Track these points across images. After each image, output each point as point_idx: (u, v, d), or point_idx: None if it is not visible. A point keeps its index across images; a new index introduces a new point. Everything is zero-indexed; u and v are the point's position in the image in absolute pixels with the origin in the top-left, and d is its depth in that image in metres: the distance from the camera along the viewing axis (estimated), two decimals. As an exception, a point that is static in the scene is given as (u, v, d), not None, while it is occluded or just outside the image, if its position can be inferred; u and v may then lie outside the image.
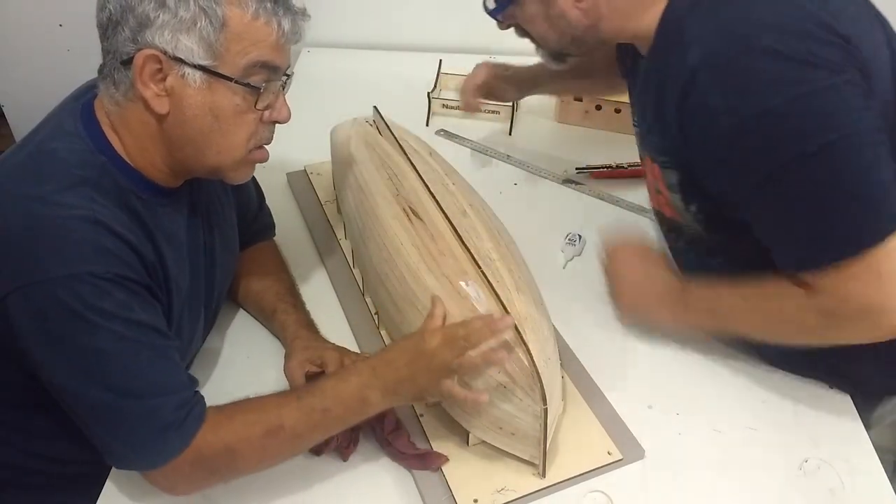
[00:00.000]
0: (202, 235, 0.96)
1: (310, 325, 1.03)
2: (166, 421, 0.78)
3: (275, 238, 1.18)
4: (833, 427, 0.95)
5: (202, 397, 0.82)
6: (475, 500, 0.86)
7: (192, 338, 0.96)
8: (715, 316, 0.96)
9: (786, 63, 0.77)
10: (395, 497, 0.88)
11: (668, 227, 1.04)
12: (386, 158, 1.12)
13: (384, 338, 1.05)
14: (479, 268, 0.91)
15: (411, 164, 1.10)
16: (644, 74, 0.93)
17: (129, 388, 0.77)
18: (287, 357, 0.97)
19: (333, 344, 0.99)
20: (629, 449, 0.92)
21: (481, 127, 1.53)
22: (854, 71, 0.79)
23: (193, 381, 0.84)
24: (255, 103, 0.82)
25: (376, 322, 1.07)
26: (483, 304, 0.88)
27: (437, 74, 1.61)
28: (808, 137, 0.77)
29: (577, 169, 1.41)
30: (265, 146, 0.88)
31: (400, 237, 0.98)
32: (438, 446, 0.91)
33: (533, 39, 1.00)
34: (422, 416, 0.94)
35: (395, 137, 1.15)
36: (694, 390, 1.00)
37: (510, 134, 1.53)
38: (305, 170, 1.39)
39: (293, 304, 1.06)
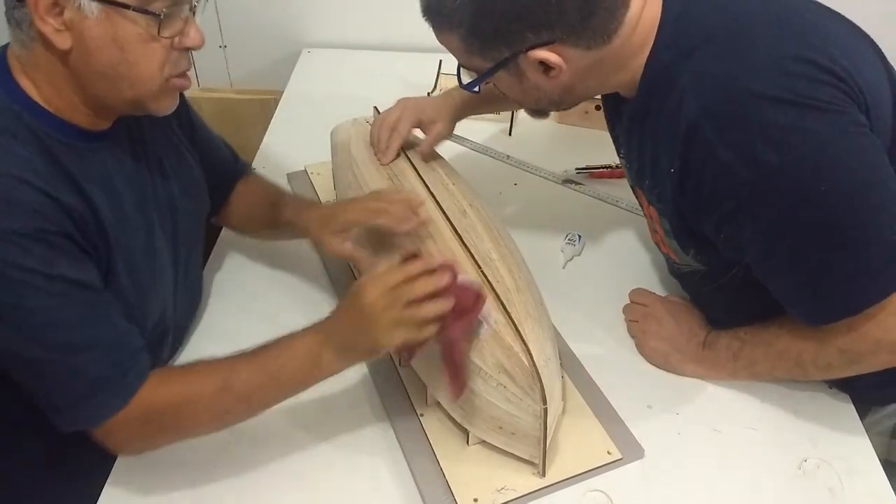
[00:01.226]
0: (152, 185, 0.93)
1: (312, 204, 1.05)
2: (101, 375, 0.77)
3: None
4: (833, 427, 0.95)
5: (147, 358, 0.82)
6: (475, 500, 0.86)
7: (159, 294, 0.93)
8: (741, 363, 0.97)
9: (791, 109, 0.74)
10: (395, 496, 0.88)
11: (669, 260, 1.04)
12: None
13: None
14: (479, 268, 0.91)
15: (411, 163, 1.10)
16: (631, 116, 0.90)
17: (57, 342, 0.76)
18: (317, 242, 0.99)
19: (338, 202, 1.01)
20: (629, 449, 0.92)
21: (481, 127, 1.53)
22: (855, 108, 0.77)
23: (134, 338, 0.82)
24: (158, 30, 0.78)
25: (376, 322, 1.07)
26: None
27: (437, 74, 1.61)
28: (825, 185, 0.75)
29: (577, 169, 1.41)
30: (186, 73, 0.85)
31: (400, 237, 0.98)
32: (438, 446, 0.91)
33: (512, 99, 0.94)
34: (422, 415, 0.95)
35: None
36: (694, 390, 1.00)
37: (510, 134, 1.53)
38: (305, 170, 1.39)
39: (290, 198, 1.09)
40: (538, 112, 0.98)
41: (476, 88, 0.89)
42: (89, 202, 0.80)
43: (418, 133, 1.17)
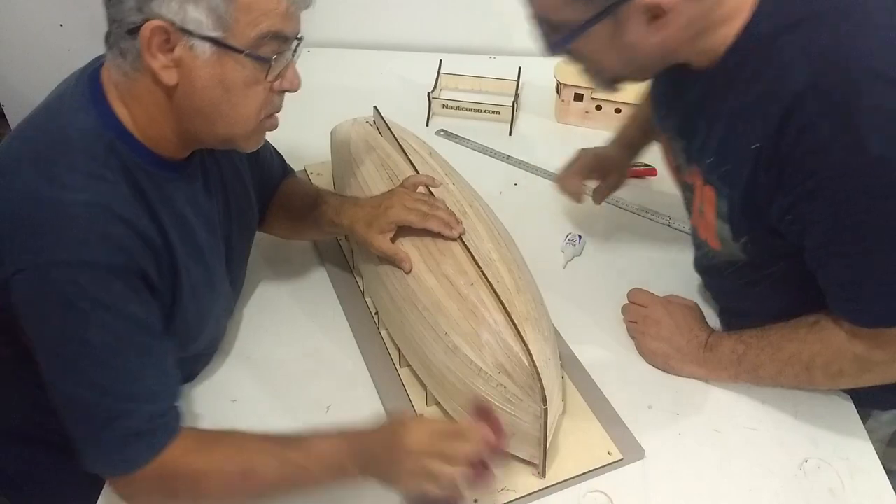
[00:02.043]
0: (219, 215, 0.94)
1: (352, 201, 1.05)
2: (137, 428, 0.77)
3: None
4: (833, 427, 0.95)
5: (179, 412, 0.81)
6: (475, 501, 0.86)
7: (214, 319, 0.95)
8: (744, 366, 0.96)
9: None
10: (395, 497, 0.87)
11: (704, 249, 1.00)
12: (386, 158, 1.12)
13: (384, 338, 1.05)
14: (479, 268, 0.91)
15: (411, 164, 1.10)
16: (705, 89, 0.86)
17: (106, 386, 0.76)
18: (363, 242, 1.00)
19: (377, 198, 1.02)
20: (629, 449, 0.92)
21: (481, 127, 1.53)
22: None
23: (175, 392, 0.82)
24: (266, 75, 0.79)
25: (376, 322, 1.07)
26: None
27: (437, 74, 1.62)
28: None
29: (577, 169, 1.41)
30: (276, 114, 0.86)
31: (400, 237, 0.98)
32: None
33: (587, 67, 0.89)
34: (422, 415, 0.94)
35: (395, 137, 1.15)
36: (694, 390, 1.00)
37: (510, 134, 1.53)
38: (305, 170, 1.39)
39: (330, 196, 1.08)
40: (611, 83, 0.91)
41: (567, 45, 0.82)
42: (164, 233, 0.81)
43: (418, 133, 1.17)
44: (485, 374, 0.84)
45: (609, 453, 0.91)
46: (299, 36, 0.81)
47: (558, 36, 0.81)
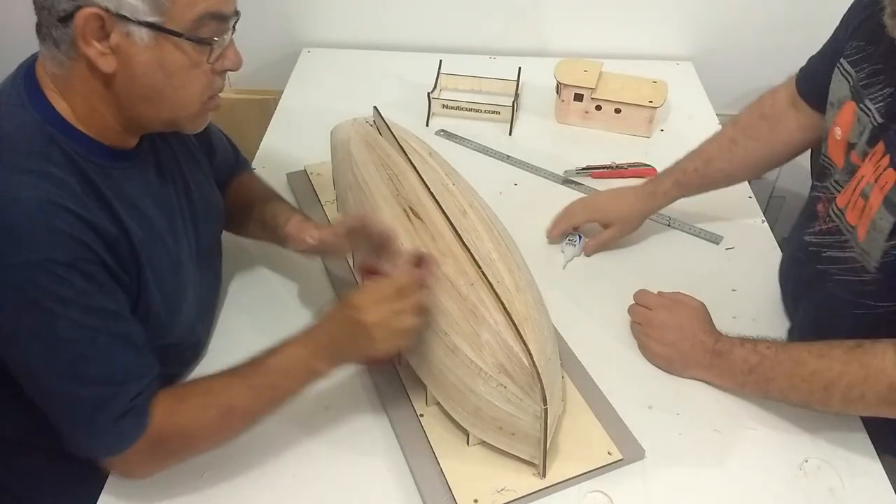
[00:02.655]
0: (178, 200, 0.93)
1: (300, 212, 1.08)
2: (123, 409, 0.78)
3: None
4: (833, 427, 0.94)
5: (156, 382, 0.82)
6: (475, 501, 0.86)
7: (187, 308, 0.94)
8: (754, 377, 0.94)
9: None
10: (395, 497, 0.88)
11: (841, 236, 0.95)
12: (386, 158, 1.12)
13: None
14: (479, 268, 0.91)
15: (411, 164, 1.10)
16: None
17: (85, 375, 0.76)
18: (292, 238, 1.03)
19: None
20: (629, 449, 0.92)
21: (481, 127, 1.53)
22: None
23: (152, 367, 0.83)
24: (208, 57, 0.78)
25: (376, 322, 1.07)
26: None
27: (437, 74, 1.61)
28: None
29: (577, 169, 1.41)
30: (219, 94, 0.85)
31: (400, 237, 0.98)
32: (438, 446, 0.91)
33: None
34: (422, 416, 0.95)
35: (395, 137, 1.15)
36: (694, 390, 1.00)
37: (510, 134, 1.53)
38: (305, 170, 1.39)
39: (282, 201, 1.11)
40: None
41: None
42: (121, 223, 0.80)
43: (418, 133, 1.17)
44: (485, 374, 0.84)
45: (609, 453, 0.91)
46: (237, 11, 0.80)
47: None
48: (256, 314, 1.10)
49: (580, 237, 1.22)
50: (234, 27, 0.80)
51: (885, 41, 0.89)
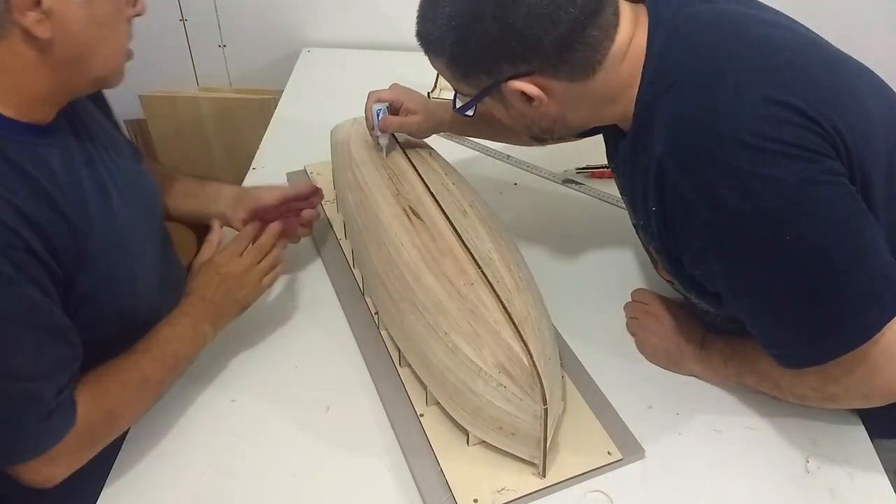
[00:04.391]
0: (106, 172, 0.91)
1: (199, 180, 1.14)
2: (50, 406, 0.77)
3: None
4: (833, 427, 0.95)
5: (77, 372, 0.82)
6: (475, 501, 0.86)
7: (143, 280, 0.92)
8: (731, 370, 0.97)
9: (755, 154, 0.72)
10: (395, 496, 0.88)
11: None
12: (386, 158, 1.12)
13: (384, 338, 1.05)
14: (479, 268, 0.91)
15: (411, 163, 1.10)
16: (626, 152, 0.88)
17: (9, 369, 0.74)
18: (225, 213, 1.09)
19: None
20: (629, 449, 0.92)
21: (481, 127, 1.53)
22: (830, 152, 0.74)
23: (78, 357, 0.81)
24: (134, 3, 0.82)
25: (376, 322, 1.07)
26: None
27: (437, 74, 1.61)
28: (789, 234, 0.74)
29: (577, 169, 1.41)
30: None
31: (400, 237, 0.98)
32: (438, 446, 0.91)
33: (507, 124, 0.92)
34: (422, 415, 0.95)
35: (395, 137, 1.15)
36: (694, 390, 1.00)
37: (510, 134, 1.53)
38: (305, 170, 1.39)
39: (189, 178, 1.15)
40: (535, 139, 0.97)
41: (469, 112, 0.88)
42: (51, 201, 0.78)
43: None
44: (485, 374, 0.84)
45: (609, 453, 0.91)
46: None
47: (461, 103, 0.88)
48: (258, 315, 1.10)
49: (384, 109, 1.15)
50: None
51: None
